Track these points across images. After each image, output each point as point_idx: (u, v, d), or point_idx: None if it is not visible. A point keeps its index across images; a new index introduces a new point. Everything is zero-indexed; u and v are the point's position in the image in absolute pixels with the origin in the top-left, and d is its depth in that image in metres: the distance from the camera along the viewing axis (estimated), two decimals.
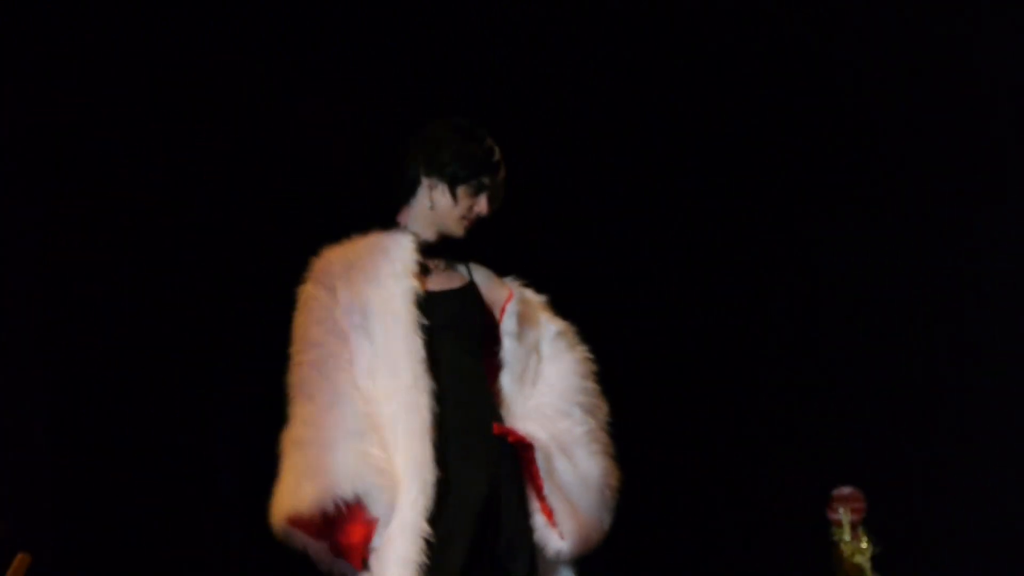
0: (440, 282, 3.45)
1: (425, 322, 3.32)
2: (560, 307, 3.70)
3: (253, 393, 4.76)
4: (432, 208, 3.44)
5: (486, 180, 3.43)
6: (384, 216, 3.74)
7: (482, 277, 3.55)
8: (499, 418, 3.36)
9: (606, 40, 6.04)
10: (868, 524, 4.71)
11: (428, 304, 3.36)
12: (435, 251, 3.48)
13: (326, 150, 5.53)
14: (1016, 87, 5.83)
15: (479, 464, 3.28)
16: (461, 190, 3.42)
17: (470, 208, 3.43)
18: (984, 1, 5.87)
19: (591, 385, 3.50)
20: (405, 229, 3.47)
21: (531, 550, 3.31)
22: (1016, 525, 5.30)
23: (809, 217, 6.02)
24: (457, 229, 3.45)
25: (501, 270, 3.70)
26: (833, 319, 5.47)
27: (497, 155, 3.45)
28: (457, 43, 5.69)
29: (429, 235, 3.46)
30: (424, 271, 3.43)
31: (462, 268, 3.54)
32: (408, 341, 3.29)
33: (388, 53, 5.66)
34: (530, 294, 3.58)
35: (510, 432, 3.31)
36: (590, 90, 5.99)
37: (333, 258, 3.39)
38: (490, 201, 3.44)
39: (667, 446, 5.85)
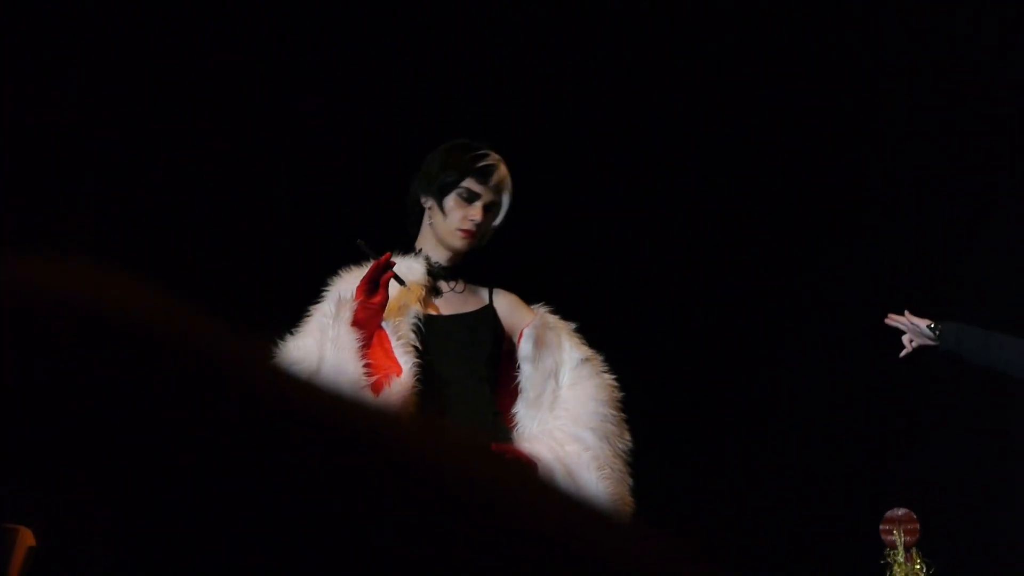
0: (451, 306, 3.44)
1: (419, 346, 3.29)
2: (596, 335, 3.65)
3: None
4: (432, 226, 3.40)
5: (475, 187, 3.36)
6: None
7: (505, 302, 3.52)
8: (502, 440, 3.33)
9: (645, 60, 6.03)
10: (922, 546, 4.67)
11: (429, 328, 3.33)
12: (453, 274, 3.45)
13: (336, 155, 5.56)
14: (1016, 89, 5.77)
15: None
16: (450, 200, 3.36)
17: (463, 218, 3.35)
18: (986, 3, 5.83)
19: (611, 412, 3.44)
20: (419, 253, 3.44)
21: None
22: None
23: (863, 242, 5.98)
24: (456, 242, 3.38)
25: (533, 297, 3.64)
26: (887, 343, 5.46)
27: (487, 162, 3.37)
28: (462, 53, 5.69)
29: (441, 257, 3.42)
30: (436, 294, 3.42)
31: (484, 292, 3.51)
32: (403, 364, 3.25)
33: (391, 56, 5.69)
34: (555, 320, 3.52)
35: (507, 451, 3.27)
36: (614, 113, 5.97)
37: (349, 279, 3.35)
38: (487, 210, 3.37)
39: (719, 468, 5.84)
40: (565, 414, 3.39)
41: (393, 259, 3.26)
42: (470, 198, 3.34)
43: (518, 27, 5.85)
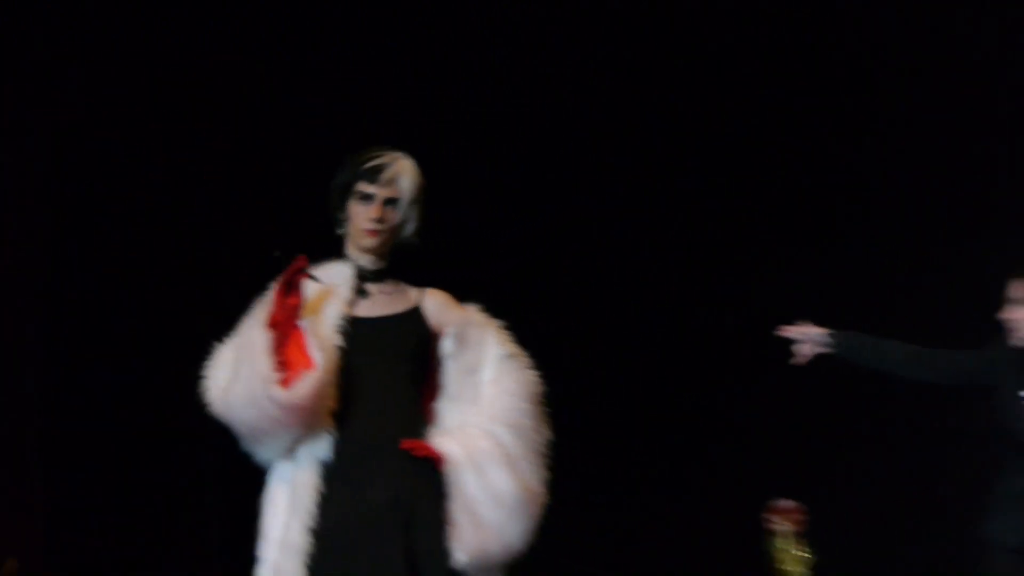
0: (378, 307, 3.51)
1: (343, 346, 3.39)
2: (521, 332, 3.68)
3: None
4: (349, 233, 3.51)
5: (367, 188, 3.46)
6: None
7: (435, 302, 3.58)
8: (416, 435, 3.40)
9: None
10: (808, 535, 4.81)
11: (353, 329, 3.42)
12: (380, 276, 3.53)
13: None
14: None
15: (379, 477, 3.34)
16: (351, 205, 3.48)
17: (365, 218, 3.46)
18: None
19: (529, 407, 3.49)
20: (348, 258, 3.54)
21: (445, 559, 3.36)
22: (948, 538, 5.41)
23: (763, 240, 6.17)
24: (365, 241, 3.48)
25: (474, 298, 3.69)
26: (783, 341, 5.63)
27: (374, 162, 3.48)
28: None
29: (366, 261, 3.51)
30: (363, 296, 3.50)
31: (414, 293, 3.58)
32: (316, 360, 3.34)
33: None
34: (482, 318, 3.59)
35: (416, 447, 3.37)
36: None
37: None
38: (387, 205, 3.47)
39: (624, 462, 6.04)
40: (482, 409, 3.47)
41: (331, 263, 3.41)
42: (366, 198, 3.46)
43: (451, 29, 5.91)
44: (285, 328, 3.31)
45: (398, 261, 3.60)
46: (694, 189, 6.22)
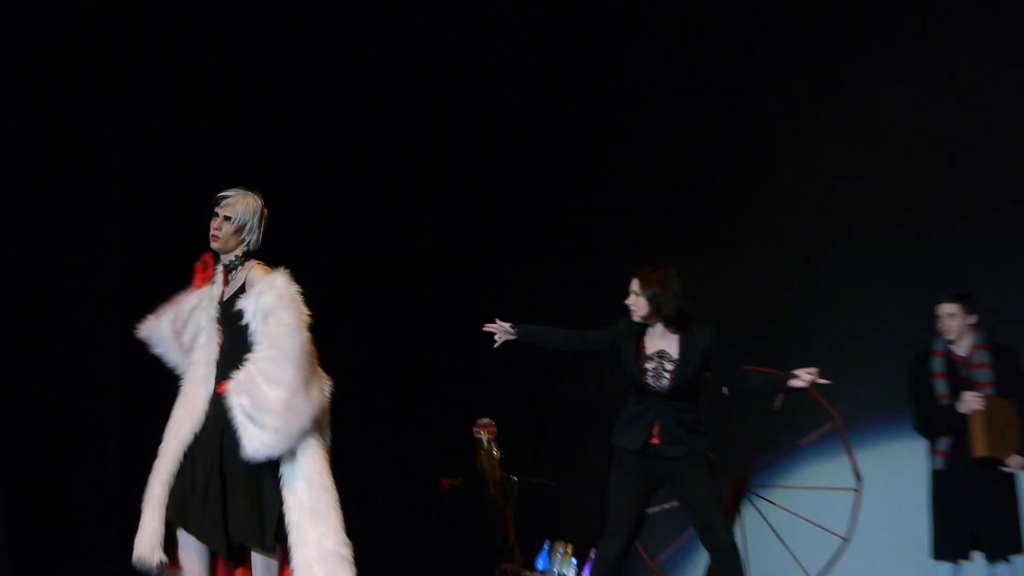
0: (227, 291, 4.45)
1: (217, 319, 4.40)
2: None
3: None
4: None
5: (217, 209, 4.41)
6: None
7: (254, 275, 4.38)
8: (228, 379, 4.28)
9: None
10: (500, 441, 6.06)
11: (219, 310, 4.45)
12: (233, 267, 4.48)
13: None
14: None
15: (215, 407, 4.29)
16: (210, 220, 4.46)
17: (212, 227, 4.44)
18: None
19: (283, 333, 4.21)
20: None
21: (239, 450, 4.22)
22: (590, 445, 6.06)
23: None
24: (211, 243, 4.46)
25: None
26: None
27: (222, 194, 4.44)
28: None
29: (224, 259, 4.51)
30: (227, 285, 4.49)
31: (249, 273, 4.41)
32: (206, 334, 4.47)
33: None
34: (271, 281, 4.32)
35: (219, 388, 4.28)
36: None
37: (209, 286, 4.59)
38: (226, 220, 4.40)
39: (388, 390, 7.10)
40: (256, 348, 4.30)
41: (209, 257, 4.53)
42: (214, 215, 4.50)
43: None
44: (201, 289, 4.52)
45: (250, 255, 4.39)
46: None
